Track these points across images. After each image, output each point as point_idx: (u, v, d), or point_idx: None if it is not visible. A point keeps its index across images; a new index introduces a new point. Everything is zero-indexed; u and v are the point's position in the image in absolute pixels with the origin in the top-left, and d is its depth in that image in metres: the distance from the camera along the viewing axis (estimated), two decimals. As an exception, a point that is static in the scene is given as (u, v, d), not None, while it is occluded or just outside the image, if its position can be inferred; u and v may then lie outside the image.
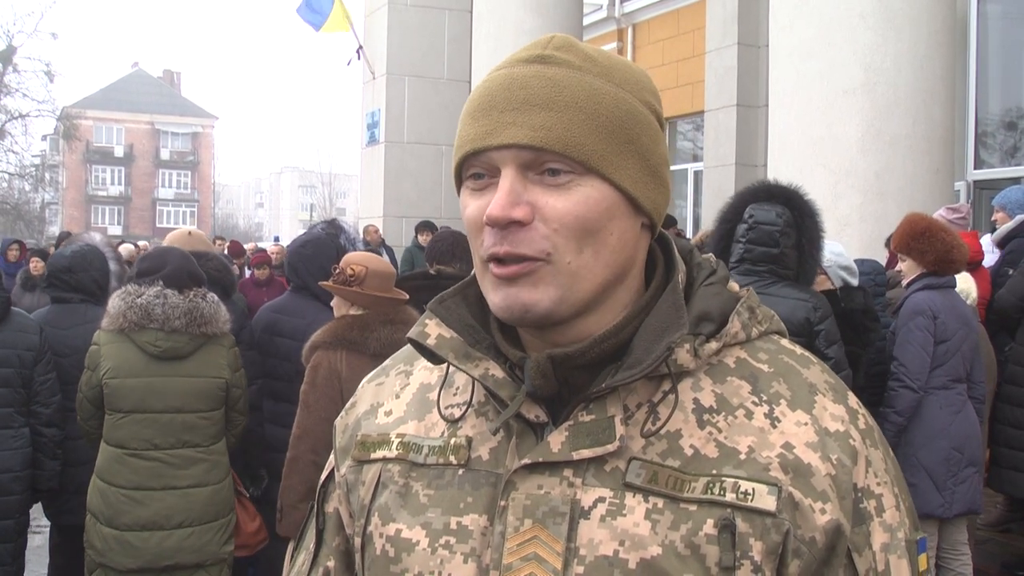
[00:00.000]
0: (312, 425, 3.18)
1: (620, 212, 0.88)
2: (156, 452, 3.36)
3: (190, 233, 4.50)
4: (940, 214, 5.07)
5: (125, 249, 11.77)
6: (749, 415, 0.89)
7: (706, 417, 0.89)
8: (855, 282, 3.95)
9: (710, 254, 1.01)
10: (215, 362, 3.48)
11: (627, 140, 0.88)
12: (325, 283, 3.41)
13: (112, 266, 4.32)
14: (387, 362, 1.11)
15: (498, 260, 0.87)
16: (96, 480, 3.39)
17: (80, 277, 4.08)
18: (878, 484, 0.89)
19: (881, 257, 5.05)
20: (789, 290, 3.42)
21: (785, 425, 0.88)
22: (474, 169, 0.90)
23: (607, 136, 0.87)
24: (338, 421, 1.09)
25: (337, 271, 3.33)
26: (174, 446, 3.38)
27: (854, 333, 3.76)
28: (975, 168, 8.79)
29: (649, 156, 0.90)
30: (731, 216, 3.59)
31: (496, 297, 0.88)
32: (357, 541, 0.99)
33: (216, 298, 3.55)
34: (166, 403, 3.37)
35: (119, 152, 62.63)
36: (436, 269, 4.12)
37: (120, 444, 3.36)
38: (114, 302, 3.43)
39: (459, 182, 0.93)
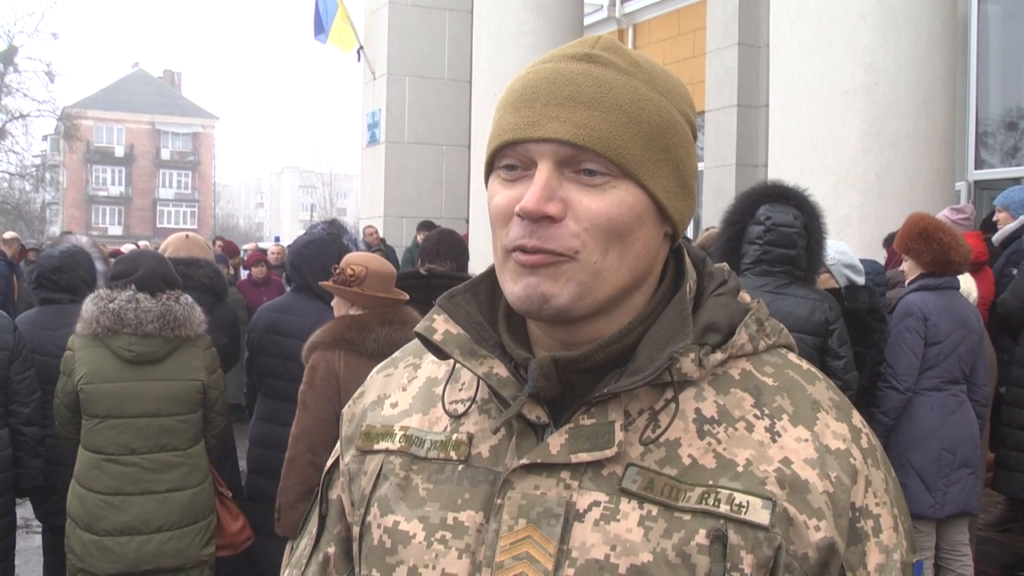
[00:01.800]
0: (310, 425, 3.18)
1: (649, 219, 0.89)
2: (133, 457, 3.35)
3: (187, 236, 4.50)
4: (944, 215, 5.05)
5: (128, 249, 11.82)
6: (750, 428, 0.89)
7: (706, 427, 0.89)
8: (860, 281, 3.94)
9: (724, 264, 1.01)
10: (191, 364, 3.46)
11: (665, 149, 0.88)
12: (325, 283, 3.41)
13: (99, 266, 4.32)
14: (397, 353, 1.11)
15: (523, 250, 0.87)
16: (75, 485, 3.39)
17: (69, 277, 4.08)
18: (877, 504, 0.89)
19: (881, 258, 5.04)
20: (805, 290, 3.45)
21: (785, 440, 0.88)
22: (508, 159, 0.89)
23: (647, 142, 0.87)
24: (345, 410, 1.10)
25: (337, 271, 3.32)
26: (151, 450, 3.37)
27: (859, 333, 3.75)
28: (976, 168, 8.79)
29: (682, 167, 0.90)
30: (739, 217, 3.58)
31: (516, 287, 0.88)
32: (356, 530, 1.00)
33: (190, 300, 3.53)
34: (142, 407, 3.36)
35: (119, 152, 62.65)
36: (427, 268, 4.12)
37: (97, 449, 3.35)
38: (87, 307, 3.41)
39: (489, 170, 0.93)
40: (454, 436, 0.96)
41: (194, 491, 3.43)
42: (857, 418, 0.93)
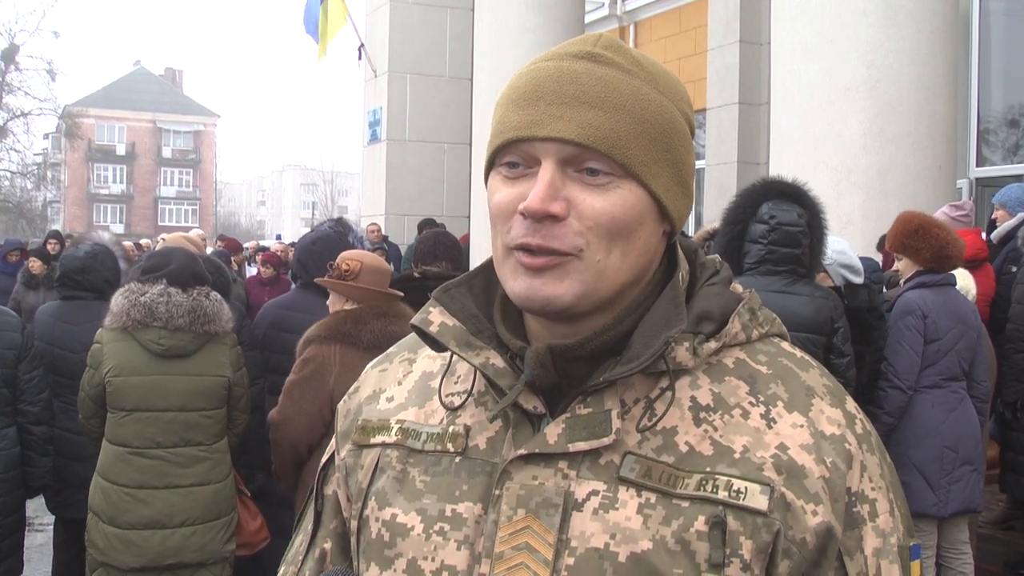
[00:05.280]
0: (292, 414, 3.19)
1: (650, 218, 0.90)
2: (159, 451, 3.36)
3: (184, 239, 4.52)
4: (944, 212, 5.05)
5: (145, 243, 11.94)
6: (745, 415, 0.89)
7: (702, 415, 0.90)
8: (859, 280, 3.91)
9: (715, 255, 1.02)
10: (218, 360, 3.48)
11: (666, 148, 0.89)
12: (320, 279, 3.42)
13: (122, 265, 4.34)
14: (392, 348, 1.12)
15: (527, 250, 0.87)
16: (98, 479, 3.40)
17: (92, 278, 4.11)
18: (872, 489, 0.89)
19: (878, 258, 5.03)
20: (810, 288, 3.43)
21: (781, 426, 0.89)
22: (510, 157, 0.90)
23: (649, 142, 0.88)
24: (340, 405, 1.10)
25: (333, 267, 3.34)
26: (177, 444, 3.38)
27: (859, 332, 3.74)
28: (977, 165, 8.78)
29: (681, 166, 0.92)
30: (740, 216, 3.54)
31: (518, 286, 0.88)
32: (353, 524, 1.01)
33: (219, 297, 3.56)
34: (169, 401, 3.38)
35: (121, 150, 62.66)
36: (421, 270, 4.12)
37: (123, 443, 3.37)
38: (117, 300, 3.43)
39: (489, 167, 0.93)
40: (451, 428, 0.96)
41: (218, 487, 3.45)
42: (851, 404, 0.94)
